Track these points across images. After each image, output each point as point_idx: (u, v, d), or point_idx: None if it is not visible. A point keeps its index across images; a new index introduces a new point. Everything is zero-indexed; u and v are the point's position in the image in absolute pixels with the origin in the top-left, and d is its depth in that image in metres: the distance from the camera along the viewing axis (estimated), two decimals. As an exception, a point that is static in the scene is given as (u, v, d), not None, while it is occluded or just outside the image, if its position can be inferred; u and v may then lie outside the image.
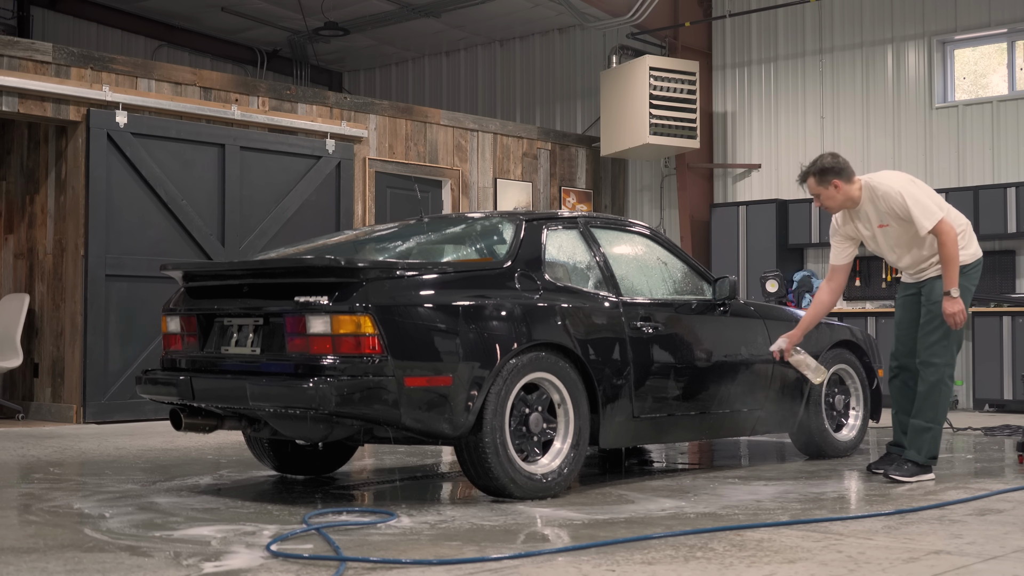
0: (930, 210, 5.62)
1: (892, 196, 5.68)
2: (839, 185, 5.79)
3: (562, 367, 5.22)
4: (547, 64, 14.99)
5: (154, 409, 9.11)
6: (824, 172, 5.80)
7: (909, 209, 5.63)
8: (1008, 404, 10.67)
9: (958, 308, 5.57)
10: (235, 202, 10.15)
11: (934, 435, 5.73)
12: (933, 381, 5.70)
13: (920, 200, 5.65)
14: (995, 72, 11.87)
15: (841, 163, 5.82)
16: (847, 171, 5.81)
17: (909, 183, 5.76)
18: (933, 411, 5.73)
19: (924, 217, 5.61)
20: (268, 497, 5.28)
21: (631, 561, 3.75)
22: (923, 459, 5.71)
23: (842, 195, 5.81)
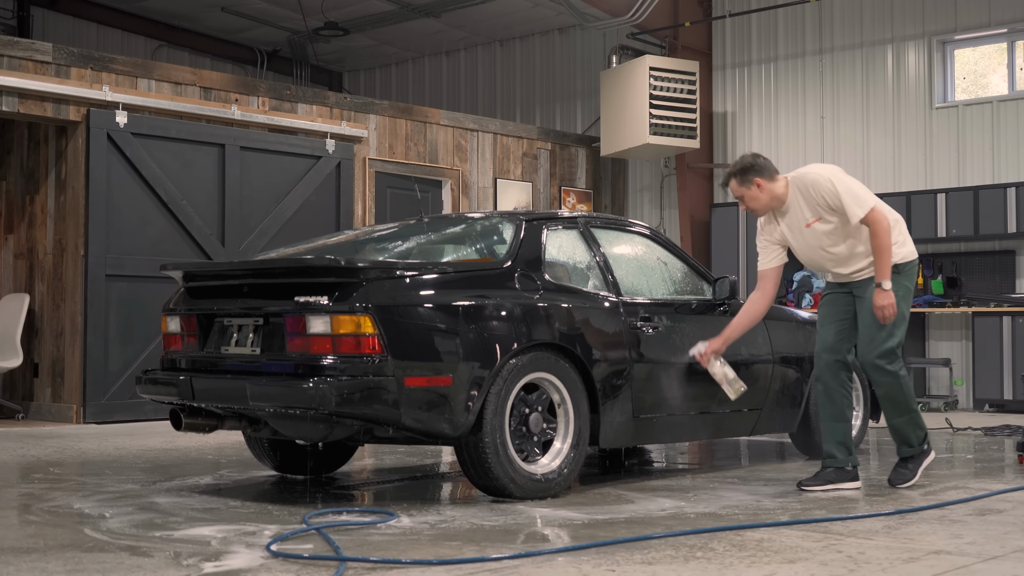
0: (862, 198, 5.36)
1: (822, 184, 5.38)
2: (762, 184, 5.49)
3: (562, 367, 5.22)
4: (547, 64, 14.99)
5: (154, 409, 9.11)
6: (745, 171, 5.51)
7: (840, 196, 5.33)
8: (1008, 404, 10.67)
9: (889, 301, 5.30)
10: (235, 202, 10.15)
11: (915, 420, 5.54)
12: (887, 383, 5.45)
13: (851, 188, 5.38)
14: (995, 72, 11.87)
15: (762, 162, 5.53)
16: (769, 169, 5.51)
17: (840, 172, 5.48)
18: (903, 406, 5.50)
19: (856, 205, 5.33)
20: (268, 497, 5.28)
21: (631, 561, 3.75)
22: (919, 446, 5.58)
23: (766, 195, 5.50)
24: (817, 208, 5.42)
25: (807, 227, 5.48)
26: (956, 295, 11.29)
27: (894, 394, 5.47)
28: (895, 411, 5.53)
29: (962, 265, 11.47)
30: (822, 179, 5.39)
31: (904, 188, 11.81)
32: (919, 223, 11.41)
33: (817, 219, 5.44)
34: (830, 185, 5.36)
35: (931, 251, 11.67)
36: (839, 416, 5.56)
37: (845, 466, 5.50)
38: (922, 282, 11.66)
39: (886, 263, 5.33)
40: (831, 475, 5.48)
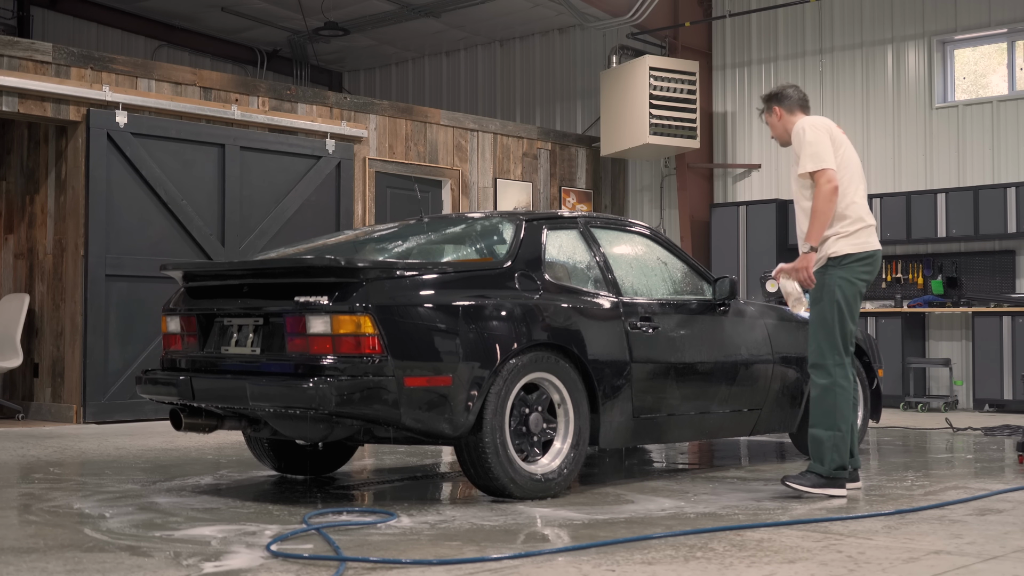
0: (820, 156, 5.14)
1: (798, 127, 5.27)
2: (780, 114, 5.45)
3: (562, 367, 5.22)
4: (547, 64, 14.99)
5: (154, 409, 9.11)
6: (770, 98, 5.51)
7: (802, 144, 5.19)
8: (1008, 404, 10.67)
9: (803, 264, 5.15)
10: (235, 202, 10.15)
11: (836, 443, 5.18)
12: (824, 384, 5.21)
13: (817, 143, 5.17)
14: (995, 72, 11.87)
15: (790, 92, 5.45)
16: (793, 101, 5.42)
17: (821, 127, 5.26)
18: (830, 417, 5.18)
19: (809, 158, 5.15)
20: (268, 497, 5.28)
21: (631, 561, 3.75)
22: (827, 471, 5.18)
23: (782, 126, 5.45)
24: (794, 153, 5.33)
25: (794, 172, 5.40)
26: (956, 295, 11.29)
27: (826, 401, 5.21)
28: (820, 420, 5.23)
29: (962, 265, 11.47)
30: (797, 127, 5.29)
31: (904, 188, 11.81)
32: (919, 223, 11.42)
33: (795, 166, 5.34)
34: (800, 133, 5.25)
35: (931, 251, 11.67)
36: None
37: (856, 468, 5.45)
38: (922, 282, 11.67)
39: (815, 227, 5.14)
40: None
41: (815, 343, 5.28)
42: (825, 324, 5.23)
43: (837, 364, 5.22)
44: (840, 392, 5.20)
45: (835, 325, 5.22)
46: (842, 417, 5.20)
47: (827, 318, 5.23)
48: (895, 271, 11.88)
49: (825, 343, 5.23)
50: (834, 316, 5.22)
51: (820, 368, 5.25)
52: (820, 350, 5.25)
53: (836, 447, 5.19)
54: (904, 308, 11.39)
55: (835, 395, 5.20)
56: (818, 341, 5.26)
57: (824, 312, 5.25)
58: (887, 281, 11.91)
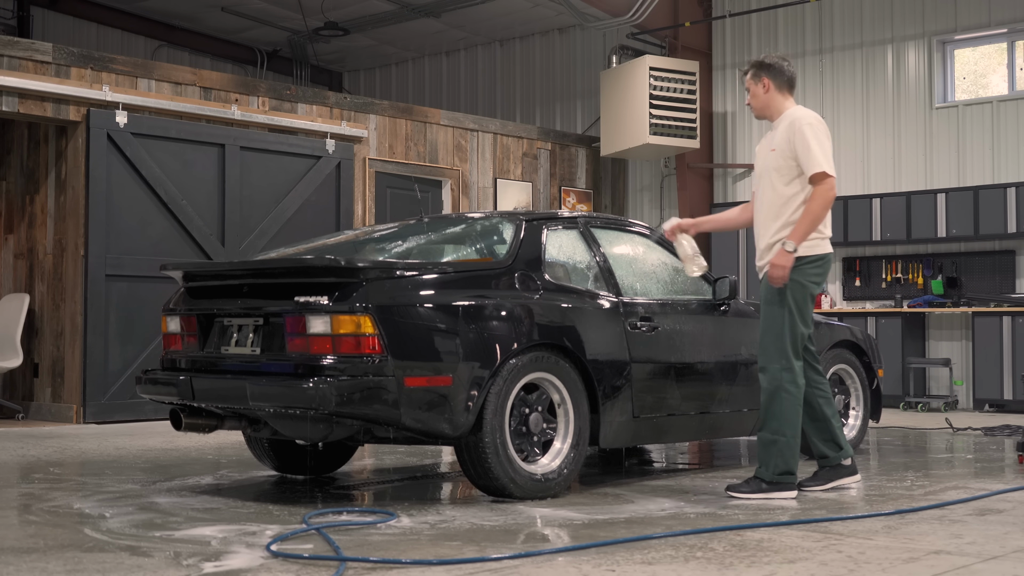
0: (824, 160, 5.09)
1: (802, 123, 5.16)
2: (768, 87, 5.30)
3: (562, 367, 5.22)
4: (547, 64, 14.99)
5: (154, 409, 9.11)
6: (762, 66, 5.33)
7: (809, 143, 5.09)
8: (1008, 404, 10.67)
9: (784, 262, 5.05)
10: (235, 202, 10.15)
11: (781, 448, 5.12)
12: (772, 389, 5.13)
13: (823, 145, 5.12)
14: (995, 72, 11.87)
15: (783, 67, 5.32)
16: (783, 79, 5.30)
17: (822, 126, 5.21)
18: (777, 421, 5.11)
19: (816, 159, 5.07)
20: (268, 497, 5.28)
21: (631, 561, 3.75)
22: (771, 476, 5.14)
23: (766, 98, 5.31)
24: (784, 139, 5.20)
25: (770, 152, 5.28)
26: (956, 295, 11.29)
27: (774, 405, 5.13)
28: (769, 425, 5.16)
29: (962, 265, 11.47)
30: (806, 121, 5.18)
31: (904, 188, 11.81)
32: (919, 223, 11.42)
33: (775, 149, 5.24)
34: (806, 128, 5.14)
35: (931, 251, 11.67)
36: (816, 416, 5.34)
37: (841, 461, 5.39)
38: (922, 282, 11.67)
39: (803, 226, 5.06)
40: (828, 474, 5.40)
41: (763, 346, 5.20)
42: (774, 327, 5.16)
43: (784, 368, 5.13)
44: (786, 397, 5.11)
45: (784, 328, 5.13)
46: (787, 422, 5.12)
47: (777, 320, 5.15)
48: (895, 271, 11.88)
49: (773, 346, 5.15)
50: (784, 319, 5.15)
51: (766, 371, 5.19)
52: (767, 353, 5.18)
53: (781, 452, 5.13)
54: (904, 308, 11.39)
55: (781, 400, 5.12)
56: (766, 344, 5.18)
57: (774, 314, 5.17)
58: (887, 281, 11.91)
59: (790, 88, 5.36)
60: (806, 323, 5.19)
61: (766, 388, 5.18)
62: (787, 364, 5.13)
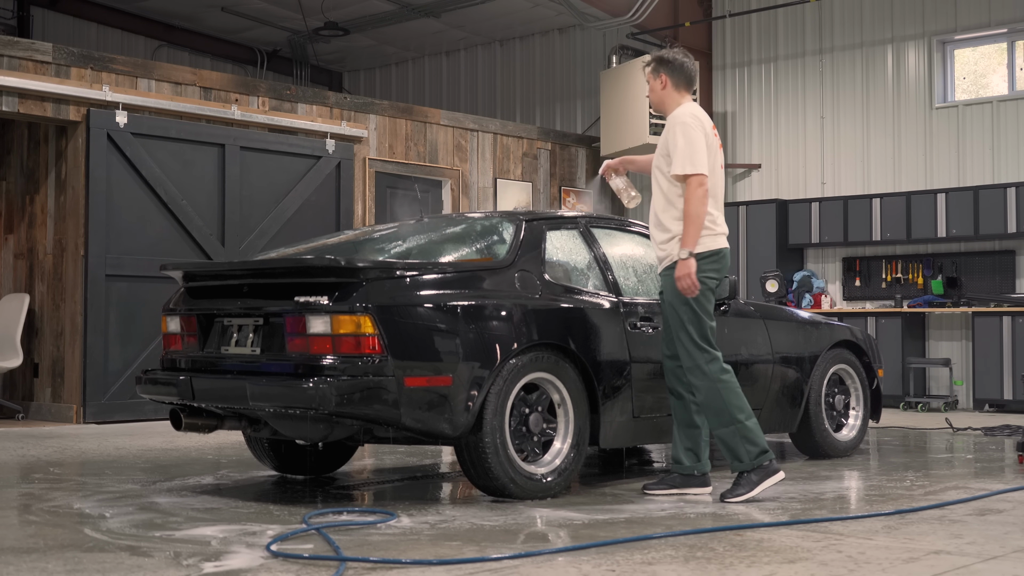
0: (696, 159, 5.02)
1: (673, 122, 5.13)
2: (665, 82, 5.24)
3: (562, 367, 5.22)
4: (547, 64, 14.99)
5: (154, 409, 9.11)
6: (662, 61, 5.26)
7: (678, 142, 5.05)
8: (1008, 404, 10.67)
9: (687, 271, 5.01)
10: (235, 202, 10.15)
11: (743, 433, 5.06)
12: (704, 386, 5.09)
13: (692, 143, 5.05)
14: (995, 72, 11.87)
15: (682, 64, 5.23)
16: (681, 76, 5.22)
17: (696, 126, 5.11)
18: (726, 415, 5.07)
19: (685, 158, 5.02)
20: (268, 497, 5.28)
21: (631, 561, 3.75)
22: (750, 463, 5.07)
23: (663, 94, 5.25)
24: (663, 140, 5.18)
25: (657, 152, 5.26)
26: (956, 295, 11.29)
27: (712, 402, 5.09)
28: (716, 420, 5.12)
29: (962, 265, 11.47)
30: (678, 119, 5.12)
31: (904, 188, 11.81)
32: (919, 223, 11.42)
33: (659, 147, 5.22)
34: (676, 127, 5.10)
35: (931, 251, 11.68)
36: (689, 422, 5.28)
37: (692, 472, 5.27)
38: (922, 282, 11.67)
39: (691, 232, 5.02)
40: (676, 480, 5.28)
41: (682, 348, 5.15)
42: (683, 327, 5.13)
43: (709, 360, 5.09)
44: (723, 386, 5.07)
45: (692, 325, 5.11)
46: (736, 408, 5.07)
47: (683, 320, 5.12)
48: (895, 271, 11.88)
49: (690, 345, 5.12)
50: (690, 317, 5.11)
51: (696, 370, 5.12)
52: (688, 353, 5.13)
53: (745, 438, 5.07)
54: (904, 308, 11.39)
55: (719, 392, 5.07)
56: (683, 344, 5.14)
57: (679, 314, 5.13)
58: (887, 281, 11.91)
59: (687, 86, 5.28)
60: (710, 316, 5.15)
61: (699, 386, 5.10)
62: (709, 356, 5.10)
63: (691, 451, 5.29)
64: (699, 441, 5.29)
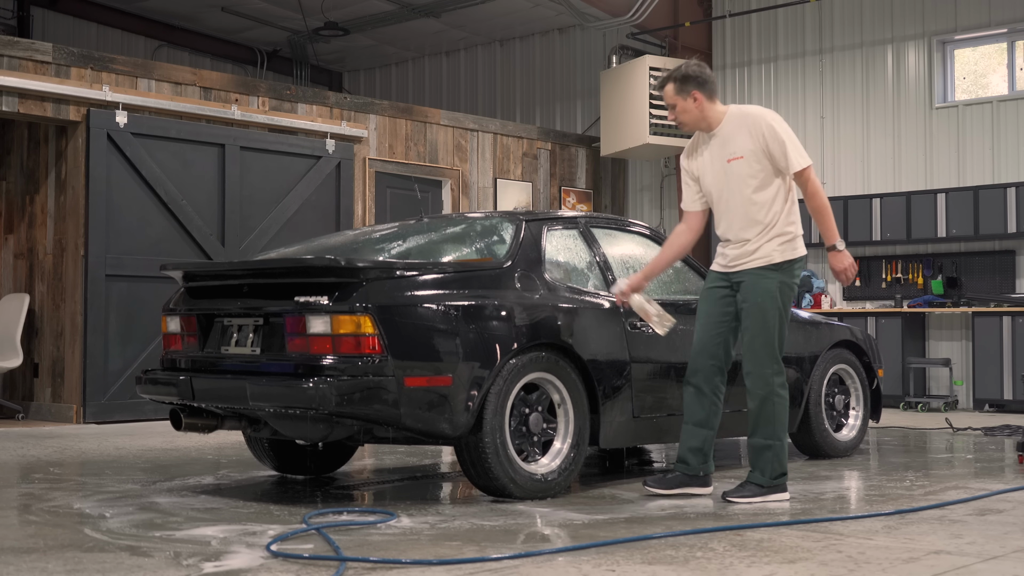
0: (803, 152, 5.01)
1: (767, 120, 5.00)
2: (699, 98, 5.06)
3: (562, 367, 5.22)
4: (547, 64, 14.99)
5: (154, 409, 9.11)
6: (686, 80, 5.06)
7: (784, 141, 4.95)
8: (1008, 404, 10.67)
9: (849, 261, 4.98)
10: (235, 202, 10.15)
11: (776, 452, 5.04)
12: (763, 395, 5.00)
13: (794, 140, 5.02)
14: (995, 72, 11.87)
15: (707, 75, 5.09)
16: (711, 86, 5.08)
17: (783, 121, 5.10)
18: (770, 426, 5.02)
19: (798, 154, 4.97)
20: (268, 497, 5.28)
21: (631, 561, 3.75)
22: (767, 480, 5.04)
23: (698, 111, 5.07)
24: (754, 143, 4.99)
25: (728, 162, 5.06)
26: (956, 295, 11.29)
27: (766, 411, 5.03)
28: (761, 431, 5.05)
29: (962, 265, 11.47)
30: (769, 117, 5.03)
31: (904, 188, 11.81)
32: (919, 223, 11.42)
33: (741, 157, 5.02)
34: (778, 127, 5.00)
35: (931, 251, 11.68)
36: (703, 422, 5.17)
37: (696, 472, 5.17)
38: (922, 282, 11.67)
39: (831, 222, 5.02)
40: (679, 479, 5.17)
41: (753, 350, 5.02)
42: (766, 330, 5.00)
43: (776, 373, 5.03)
44: (778, 401, 5.02)
45: (775, 331, 5.01)
46: (780, 426, 5.04)
47: (770, 324, 5.00)
48: (895, 271, 11.88)
49: (764, 351, 5.00)
50: (775, 322, 5.01)
51: (759, 377, 5.02)
52: (758, 357, 5.01)
53: (777, 456, 5.04)
54: (904, 308, 11.39)
55: (774, 405, 5.01)
56: (756, 348, 5.01)
57: (766, 318, 4.99)
58: (887, 281, 11.91)
59: (718, 95, 5.17)
60: (787, 322, 5.08)
61: (757, 393, 5.02)
62: (778, 368, 5.05)
63: (699, 451, 5.18)
64: (711, 443, 5.20)
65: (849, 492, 5.50)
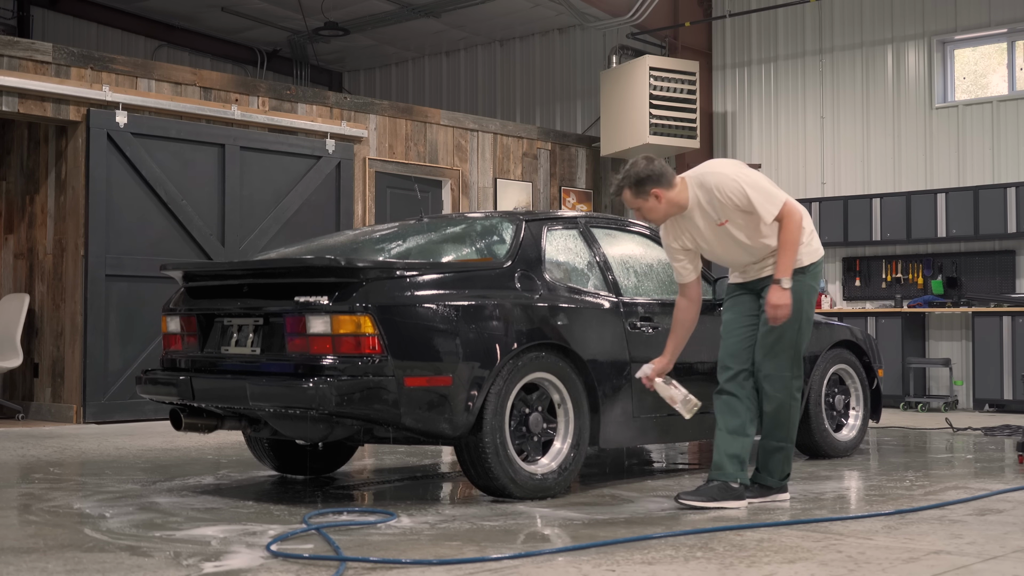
0: (772, 194, 4.91)
1: (728, 185, 4.90)
2: (660, 195, 4.94)
3: (562, 367, 5.22)
4: (547, 64, 14.99)
5: (154, 409, 9.11)
6: (641, 182, 4.94)
7: (750, 197, 4.87)
8: (1008, 404, 10.67)
9: (786, 301, 4.81)
10: (235, 202, 10.15)
11: (786, 455, 5.10)
12: (780, 398, 5.00)
13: (760, 185, 4.93)
14: (995, 72, 11.87)
15: (658, 168, 4.96)
16: (667, 176, 4.95)
17: (742, 168, 5.03)
18: (785, 430, 5.06)
19: (768, 202, 4.88)
20: (268, 497, 5.28)
21: (631, 561, 3.75)
22: (776, 482, 5.09)
23: (665, 204, 4.96)
24: (725, 210, 4.95)
25: (719, 226, 5.00)
26: (956, 295, 11.30)
27: (782, 414, 5.03)
28: (774, 432, 5.06)
29: (962, 265, 11.47)
30: (727, 180, 4.93)
31: (904, 188, 11.81)
32: (919, 223, 11.42)
33: (727, 221, 4.97)
34: (737, 186, 4.90)
35: (931, 251, 11.68)
36: (738, 430, 5.02)
37: (732, 482, 4.96)
38: (922, 282, 11.67)
39: (789, 259, 4.86)
40: (715, 491, 4.92)
41: (774, 353, 4.98)
42: (789, 335, 4.97)
43: (795, 377, 5.02)
44: (794, 406, 5.05)
45: (799, 336, 5.00)
46: (795, 430, 5.12)
47: (791, 329, 4.95)
48: (895, 271, 11.88)
49: (785, 355, 4.98)
50: (799, 327, 4.98)
51: (778, 380, 4.99)
52: (779, 361, 4.99)
53: (787, 459, 5.12)
54: (904, 308, 11.39)
55: (790, 409, 5.03)
56: (778, 352, 4.98)
57: (788, 323, 4.91)
58: (887, 281, 11.91)
59: (672, 176, 5.01)
60: (811, 323, 5.11)
61: (775, 397, 5.00)
62: (798, 372, 5.04)
63: (736, 458, 4.99)
64: (747, 451, 5.05)
65: (849, 492, 5.50)
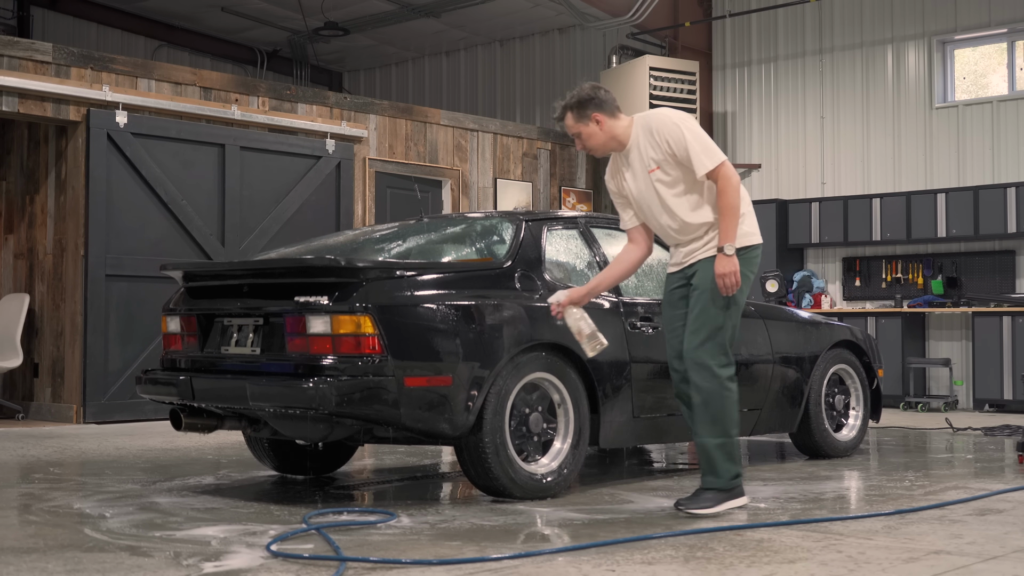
0: (711, 149, 4.68)
1: (668, 126, 4.72)
2: (602, 121, 4.82)
3: (562, 367, 5.22)
4: (547, 64, 14.99)
5: (154, 409, 9.11)
6: (583, 104, 4.82)
7: (687, 143, 4.66)
8: (1008, 404, 10.67)
9: (731, 268, 4.60)
10: (235, 202, 10.15)
11: (728, 451, 4.73)
12: (709, 388, 4.69)
13: (701, 137, 4.71)
14: (995, 72, 11.87)
15: (603, 95, 4.84)
16: (610, 105, 4.83)
17: (691, 120, 4.80)
18: (719, 424, 4.70)
19: (704, 155, 4.65)
20: (268, 497, 5.28)
21: (631, 561, 3.75)
22: (725, 483, 4.72)
23: (605, 133, 4.83)
24: (659, 152, 4.75)
25: (649, 173, 4.81)
26: (956, 295, 11.30)
27: (713, 405, 4.70)
28: (709, 428, 4.72)
29: (962, 265, 11.47)
30: (669, 122, 4.74)
31: (904, 188, 11.81)
32: (919, 223, 11.42)
33: (658, 167, 4.78)
34: (677, 130, 4.71)
35: (931, 251, 11.68)
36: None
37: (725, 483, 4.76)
38: (922, 282, 11.68)
39: (731, 224, 4.63)
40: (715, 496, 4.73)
41: (698, 342, 4.72)
42: (713, 322, 4.71)
43: (723, 365, 4.73)
44: (728, 395, 4.72)
45: (726, 322, 4.74)
46: (732, 421, 4.74)
47: (717, 316, 4.72)
48: (895, 271, 11.88)
49: (711, 342, 4.71)
50: (724, 314, 4.73)
51: (705, 369, 4.70)
52: (704, 350, 4.71)
53: (730, 455, 4.74)
54: (904, 308, 11.39)
55: (722, 399, 4.70)
56: (701, 339, 4.71)
57: (713, 310, 4.72)
58: (887, 281, 11.91)
59: (619, 109, 4.90)
60: (740, 308, 4.82)
61: (703, 387, 4.70)
62: (726, 360, 4.74)
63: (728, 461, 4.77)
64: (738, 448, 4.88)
65: (849, 492, 5.50)
